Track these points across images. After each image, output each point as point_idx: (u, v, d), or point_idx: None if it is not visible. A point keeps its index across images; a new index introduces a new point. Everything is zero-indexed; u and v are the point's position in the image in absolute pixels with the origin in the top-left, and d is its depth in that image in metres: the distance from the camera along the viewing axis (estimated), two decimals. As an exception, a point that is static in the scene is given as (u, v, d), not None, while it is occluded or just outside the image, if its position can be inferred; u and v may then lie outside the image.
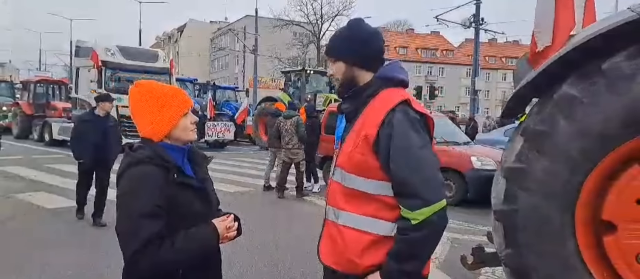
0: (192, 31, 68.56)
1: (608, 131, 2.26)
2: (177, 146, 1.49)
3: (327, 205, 1.69)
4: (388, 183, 1.54)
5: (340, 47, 1.67)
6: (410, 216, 1.48)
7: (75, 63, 15.69)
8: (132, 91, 1.51)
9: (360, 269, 1.56)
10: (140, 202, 1.34)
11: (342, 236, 1.59)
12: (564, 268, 2.39)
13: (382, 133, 1.53)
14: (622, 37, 2.26)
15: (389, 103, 1.55)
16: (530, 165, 2.45)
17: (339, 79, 1.67)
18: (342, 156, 1.63)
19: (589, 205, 2.36)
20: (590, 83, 2.31)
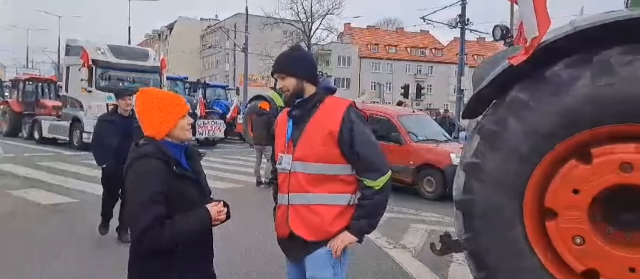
0: (182, 29, 68.36)
1: (550, 130, 2.59)
2: (176, 144, 1.79)
3: (289, 192, 2.05)
4: (344, 166, 2.01)
5: (291, 65, 2.08)
6: (374, 184, 1.99)
7: (66, 61, 15.82)
8: (138, 97, 1.81)
9: (332, 235, 2.00)
10: (145, 190, 1.62)
11: (315, 213, 1.99)
12: (513, 249, 2.72)
13: (344, 128, 1.99)
14: (563, 47, 2.61)
15: (341, 106, 2.03)
16: (485, 159, 2.78)
17: (290, 91, 2.07)
18: (301, 151, 2.01)
19: (535, 195, 2.69)
20: (535, 88, 2.64)
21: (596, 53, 2.50)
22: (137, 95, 1.83)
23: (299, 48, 2.26)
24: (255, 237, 4.94)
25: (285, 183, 2.07)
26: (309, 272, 2.03)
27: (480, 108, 3.05)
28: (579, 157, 2.56)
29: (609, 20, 2.50)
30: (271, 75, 2.26)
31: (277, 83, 2.19)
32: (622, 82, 2.41)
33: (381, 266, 4.35)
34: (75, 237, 5.32)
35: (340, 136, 1.98)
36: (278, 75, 2.12)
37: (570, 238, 2.58)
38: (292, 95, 2.08)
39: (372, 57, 61.21)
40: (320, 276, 2.01)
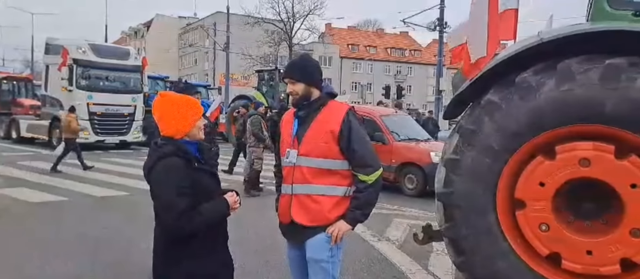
0: (160, 26, 67.52)
1: (519, 130, 2.91)
2: (192, 142, 2.02)
3: (293, 183, 2.32)
4: (343, 161, 2.29)
5: (302, 72, 2.36)
6: (367, 179, 2.28)
7: (45, 60, 15.66)
8: (157, 101, 2.04)
9: (330, 221, 2.29)
10: (173, 184, 1.85)
11: (316, 202, 2.27)
12: (487, 236, 3.04)
13: (344, 128, 2.28)
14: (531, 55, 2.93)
15: (342, 110, 2.32)
16: (463, 156, 3.09)
17: (299, 94, 2.34)
18: (306, 147, 2.29)
19: (506, 187, 3.01)
20: (506, 92, 2.96)
21: (559, 62, 2.83)
22: (156, 99, 2.05)
23: (309, 57, 2.52)
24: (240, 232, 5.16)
25: (290, 175, 2.33)
26: (309, 254, 2.30)
27: (459, 110, 3.37)
28: (544, 154, 2.89)
29: (570, 33, 2.83)
30: (282, 79, 2.49)
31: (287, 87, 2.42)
32: (580, 87, 2.73)
33: (369, 257, 4.64)
34: (72, 233, 5.42)
35: (340, 135, 2.26)
36: (289, 80, 2.37)
37: (537, 225, 2.90)
38: (301, 98, 2.35)
39: (352, 58, 61.72)
40: (319, 257, 2.28)
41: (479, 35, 3.15)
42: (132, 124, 15.21)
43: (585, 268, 2.79)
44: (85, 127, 13.82)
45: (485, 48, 3.00)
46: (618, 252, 2.71)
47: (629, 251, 2.68)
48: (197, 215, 1.88)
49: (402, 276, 4.15)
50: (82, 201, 7.09)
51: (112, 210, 6.59)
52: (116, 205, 6.96)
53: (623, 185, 2.66)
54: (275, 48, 42.04)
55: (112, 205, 6.96)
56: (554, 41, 2.87)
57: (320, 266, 2.27)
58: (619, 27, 2.79)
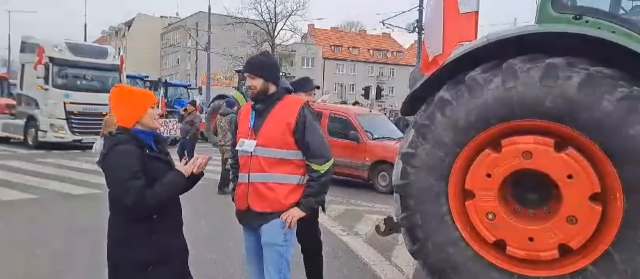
0: (141, 26, 66.79)
1: (469, 124, 3.10)
2: (147, 132, 2.13)
3: (250, 172, 2.47)
4: (297, 152, 2.45)
5: (261, 68, 2.52)
6: (320, 168, 2.45)
7: (21, 59, 15.46)
8: (112, 92, 2.17)
9: (285, 207, 2.45)
10: (126, 170, 1.96)
11: (271, 189, 2.43)
12: (440, 224, 3.22)
13: (299, 121, 2.44)
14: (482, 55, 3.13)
15: (297, 104, 2.49)
16: (418, 150, 3.27)
17: (257, 89, 2.49)
18: (263, 139, 2.44)
19: (457, 178, 3.20)
20: (457, 89, 3.15)
21: (505, 61, 3.03)
22: (111, 91, 2.19)
23: (268, 54, 2.70)
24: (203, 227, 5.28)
25: (246, 165, 2.48)
26: (264, 238, 2.45)
27: (416, 106, 3.55)
28: (492, 147, 3.08)
29: (512, 35, 3.04)
30: (242, 73, 2.63)
31: (246, 82, 2.58)
32: (523, 85, 2.93)
33: (335, 249, 4.80)
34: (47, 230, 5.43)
35: (295, 127, 2.43)
36: (248, 75, 2.52)
37: (484, 214, 3.10)
38: (259, 93, 2.50)
39: (335, 58, 61.98)
40: (274, 241, 2.43)
41: (435, 34, 3.31)
42: (111, 123, 15.10)
43: (527, 253, 3.00)
44: (62, 126, 13.72)
45: (441, 46, 3.17)
46: (556, 238, 2.92)
47: (565, 237, 2.88)
48: (156, 191, 1.99)
49: (365, 267, 4.32)
50: (56, 200, 7.10)
51: (87, 208, 6.62)
52: (92, 202, 6.98)
53: (561, 176, 2.87)
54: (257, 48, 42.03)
55: (88, 202, 6.99)
56: (499, 42, 3.06)
57: (275, 249, 2.42)
58: (553, 29, 3.01)
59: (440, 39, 3.32)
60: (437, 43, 3.30)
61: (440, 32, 3.29)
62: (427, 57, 3.47)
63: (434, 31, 3.29)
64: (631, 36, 3.04)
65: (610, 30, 3.05)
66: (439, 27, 3.27)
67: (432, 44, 3.29)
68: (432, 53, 3.38)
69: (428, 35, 3.46)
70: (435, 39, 3.28)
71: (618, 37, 2.86)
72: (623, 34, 3.05)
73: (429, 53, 3.38)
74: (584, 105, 2.77)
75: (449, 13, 3.31)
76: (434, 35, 3.29)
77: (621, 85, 2.71)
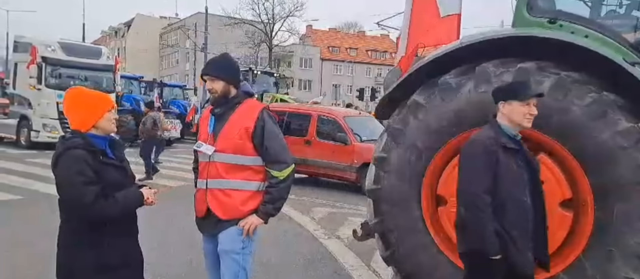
0: (141, 26, 66.64)
1: (441, 129, 3.06)
2: (101, 136, 2.07)
3: (208, 178, 2.41)
4: (256, 158, 2.38)
5: (222, 70, 2.44)
6: (279, 175, 2.37)
7: (14, 58, 15.40)
8: (66, 94, 2.11)
9: (243, 214, 2.37)
10: (80, 174, 1.90)
11: (228, 196, 2.36)
12: (412, 229, 3.18)
13: (258, 125, 2.36)
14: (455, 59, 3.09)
15: (257, 108, 2.42)
16: (391, 154, 3.23)
17: (218, 92, 2.41)
18: (221, 143, 2.37)
19: (430, 183, 3.16)
20: (430, 93, 3.11)
21: (478, 65, 2.99)
22: (65, 93, 2.13)
23: (228, 57, 2.60)
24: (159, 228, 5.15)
25: (205, 170, 2.41)
26: (221, 245, 2.38)
27: (390, 110, 3.51)
28: (464, 152, 3.04)
29: (484, 38, 2.99)
30: (201, 76, 2.52)
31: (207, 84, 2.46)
32: (495, 89, 2.89)
33: (314, 254, 4.75)
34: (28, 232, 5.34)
35: (254, 132, 2.35)
36: (209, 77, 2.43)
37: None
38: (220, 96, 2.42)
39: (333, 59, 61.96)
40: (231, 248, 2.36)
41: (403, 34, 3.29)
42: (104, 124, 15.04)
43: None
44: (54, 126, 13.65)
45: (404, 47, 3.14)
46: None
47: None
48: (112, 202, 1.95)
49: (343, 272, 4.27)
50: (41, 200, 7.04)
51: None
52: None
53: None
54: (255, 49, 42.02)
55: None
56: (471, 45, 3.02)
57: (232, 257, 2.35)
58: (524, 33, 2.97)
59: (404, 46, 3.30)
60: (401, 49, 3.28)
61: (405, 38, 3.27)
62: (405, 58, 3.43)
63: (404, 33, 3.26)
64: (605, 41, 3.00)
65: (583, 35, 3.01)
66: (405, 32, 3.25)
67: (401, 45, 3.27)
68: (398, 56, 3.36)
69: (401, 35, 3.44)
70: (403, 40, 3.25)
71: (589, 42, 2.82)
72: (597, 39, 3.01)
73: (397, 55, 3.36)
74: (554, 109, 2.73)
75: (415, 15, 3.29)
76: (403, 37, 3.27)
77: (591, 90, 2.68)
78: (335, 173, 8.59)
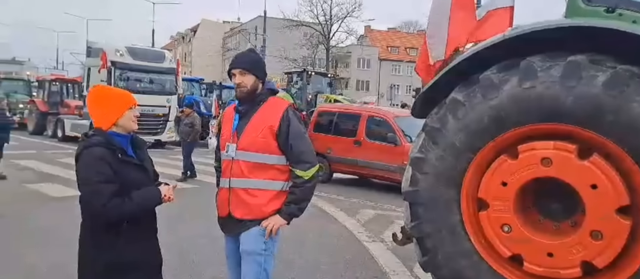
0: (205, 31, 69.58)
1: (482, 128, 2.86)
2: (123, 134, 2.11)
3: (231, 177, 2.37)
4: (280, 157, 2.34)
5: (252, 64, 2.38)
6: (304, 174, 2.32)
7: (87, 63, 16.56)
8: (88, 93, 2.17)
9: (266, 214, 2.33)
10: (97, 173, 1.94)
11: (251, 195, 2.33)
12: (451, 235, 2.99)
13: (283, 124, 2.32)
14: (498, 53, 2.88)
15: (282, 106, 2.37)
16: (428, 154, 3.06)
17: (247, 87, 2.34)
18: (244, 142, 2.33)
19: (470, 186, 2.96)
20: (470, 90, 2.92)
21: (523, 59, 2.76)
22: (89, 91, 2.19)
23: (256, 51, 2.60)
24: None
25: (228, 169, 2.39)
26: (243, 246, 2.35)
27: (428, 109, 3.34)
28: (508, 153, 2.82)
29: (531, 30, 2.76)
30: (229, 70, 2.45)
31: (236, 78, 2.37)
32: (542, 85, 2.66)
33: (355, 257, 4.65)
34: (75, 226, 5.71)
35: (278, 130, 2.31)
36: (239, 71, 2.37)
37: (499, 226, 2.84)
38: (250, 91, 2.38)
39: (392, 59, 61.17)
40: (252, 249, 2.32)
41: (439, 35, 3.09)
42: (166, 124, 15.81)
43: (546, 270, 2.71)
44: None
45: (444, 51, 2.94)
46: (579, 255, 2.62)
47: (589, 254, 2.58)
48: (127, 201, 1.98)
49: (383, 276, 4.14)
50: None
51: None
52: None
53: (583, 186, 2.57)
54: (313, 50, 42.41)
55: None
56: (516, 38, 2.80)
57: (253, 258, 2.31)
58: (574, 24, 2.70)
59: (444, 43, 3.08)
60: (440, 46, 3.06)
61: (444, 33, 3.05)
62: (426, 59, 3.22)
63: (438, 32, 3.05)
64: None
65: (647, 23, 2.70)
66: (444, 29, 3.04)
67: (434, 46, 3.05)
68: (434, 58, 3.14)
69: (431, 35, 3.21)
70: (439, 41, 3.04)
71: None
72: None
73: (431, 57, 3.15)
74: (610, 107, 2.46)
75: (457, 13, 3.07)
76: (438, 37, 3.06)
77: (653, 85, 2.38)
78: (384, 175, 8.42)
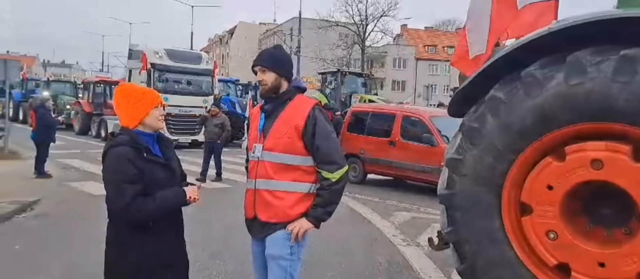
0: (242, 33, 70.74)
1: (524, 128, 2.68)
2: (149, 133, 2.08)
3: (256, 178, 2.30)
4: (306, 157, 2.24)
5: (275, 61, 2.31)
6: (331, 176, 2.22)
7: (129, 65, 17.11)
8: (115, 91, 2.14)
9: (292, 218, 2.24)
10: (120, 173, 1.91)
11: (276, 197, 2.24)
12: (491, 241, 2.82)
13: (309, 123, 2.22)
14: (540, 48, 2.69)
15: (308, 105, 2.27)
16: (466, 155, 2.90)
17: (268, 85, 2.28)
18: (270, 142, 2.25)
19: (513, 189, 2.78)
20: (511, 87, 2.74)
21: (569, 54, 2.56)
22: (115, 88, 2.17)
23: (282, 48, 2.48)
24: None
25: (254, 170, 2.32)
26: (268, 250, 2.27)
27: (465, 108, 3.17)
28: (554, 154, 2.63)
29: (579, 22, 2.55)
30: (252, 67, 2.40)
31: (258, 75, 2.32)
32: (592, 81, 2.45)
33: (389, 261, 4.51)
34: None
35: (304, 130, 2.22)
36: (260, 69, 2.31)
37: (544, 233, 2.65)
38: (270, 89, 2.30)
39: (429, 59, 60.14)
40: (277, 253, 2.24)
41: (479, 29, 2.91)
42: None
43: (596, 282, 2.50)
44: (161, 127, 14.87)
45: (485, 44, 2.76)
46: (634, 266, 2.40)
47: (646, 266, 2.35)
48: (151, 201, 1.94)
49: (418, 282, 3.98)
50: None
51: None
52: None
53: (639, 190, 2.35)
54: (348, 51, 42.23)
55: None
56: (563, 31, 2.60)
57: (278, 263, 2.23)
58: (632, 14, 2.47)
59: (485, 36, 2.90)
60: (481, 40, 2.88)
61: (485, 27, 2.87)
62: (464, 53, 3.05)
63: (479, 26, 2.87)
64: None
65: None
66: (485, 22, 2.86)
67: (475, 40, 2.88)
68: (475, 52, 2.97)
69: (471, 29, 3.04)
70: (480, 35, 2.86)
71: None
72: None
73: (470, 51, 2.98)
74: (670, 104, 2.24)
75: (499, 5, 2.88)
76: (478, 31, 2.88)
77: None
78: (420, 176, 8.20)
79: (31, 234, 5.33)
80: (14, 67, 13.20)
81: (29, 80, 26.37)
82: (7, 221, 5.75)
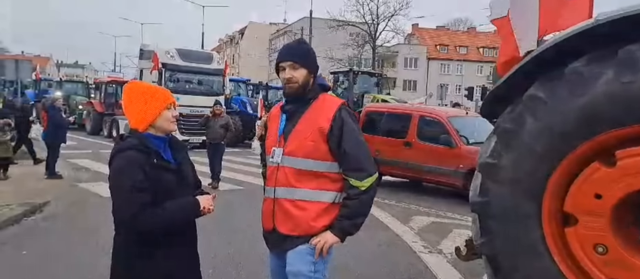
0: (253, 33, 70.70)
1: (568, 130, 2.43)
2: (159, 136, 1.88)
3: (276, 186, 2.07)
4: (332, 163, 2.00)
5: (307, 57, 2.07)
6: (359, 184, 1.97)
7: (140, 64, 17.05)
8: (123, 90, 1.95)
9: (315, 230, 2.00)
10: (127, 180, 1.73)
11: (298, 208, 2.01)
12: (530, 254, 2.58)
13: (335, 125, 1.99)
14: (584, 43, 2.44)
15: (334, 105, 2.03)
16: (501, 160, 2.66)
17: (299, 83, 2.04)
18: (291, 146, 2.02)
19: (555, 197, 2.53)
20: (553, 85, 2.49)
21: (621, 48, 2.31)
22: (124, 87, 1.97)
23: (307, 42, 2.25)
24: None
25: (273, 177, 2.09)
26: (289, 266, 2.04)
27: (499, 109, 2.93)
28: (602, 160, 2.38)
29: (632, 13, 2.30)
30: (278, 63, 2.12)
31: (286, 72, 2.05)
32: (648, 78, 2.20)
33: (411, 270, 4.27)
34: None
35: (330, 133, 1.99)
36: (290, 65, 2.05)
37: (592, 246, 2.40)
38: (301, 86, 2.05)
39: (441, 58, 59.58)
40: (299, 270, 2.01)
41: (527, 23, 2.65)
42: (214, 125, 15.95)
43: (651, 302, 2.25)
44: (171, 127, 14.80)
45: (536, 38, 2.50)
46: (697, 286, 2.14)
47: None
48: (160, 212, 1.75)
49: (442, 294, 3.75)
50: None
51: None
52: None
53: (701, 201, 2.10)
54: (359, 50, 41.88)
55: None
56: (612, 23, 2.35)
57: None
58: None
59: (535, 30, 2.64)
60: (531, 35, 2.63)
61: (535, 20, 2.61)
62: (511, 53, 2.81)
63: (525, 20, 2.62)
64: None
65: None
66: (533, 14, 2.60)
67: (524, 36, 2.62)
68: (525, 48, 2.72)
69: (517, 25, 2.78)
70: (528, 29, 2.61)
71: None
72: None
73: (520, 48, 2.73)
74: None
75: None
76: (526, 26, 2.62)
77: None
78: (438, 178, 7.94)
79: (39, 238, 5.21)
80: (26, 67, 13.19)
81: (42, 80, 26.50)
82: (16, 224, 5.64)
